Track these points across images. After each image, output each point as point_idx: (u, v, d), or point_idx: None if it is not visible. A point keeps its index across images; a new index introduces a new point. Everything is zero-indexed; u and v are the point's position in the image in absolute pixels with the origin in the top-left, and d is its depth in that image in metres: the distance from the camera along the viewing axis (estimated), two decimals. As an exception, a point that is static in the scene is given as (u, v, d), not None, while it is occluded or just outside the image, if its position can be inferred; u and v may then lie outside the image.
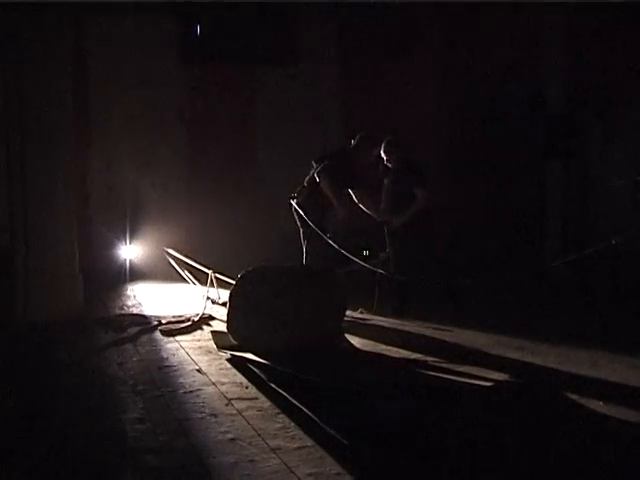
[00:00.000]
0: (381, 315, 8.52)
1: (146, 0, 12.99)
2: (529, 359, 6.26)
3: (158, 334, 7.63)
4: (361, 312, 8.62)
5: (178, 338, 7.40)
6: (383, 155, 8.66)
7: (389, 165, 8.70)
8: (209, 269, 9.46)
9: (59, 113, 8.69)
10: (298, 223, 8.79)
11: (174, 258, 11.28)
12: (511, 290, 8.87)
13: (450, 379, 5.64)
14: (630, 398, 5.07)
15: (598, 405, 4.86)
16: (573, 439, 4.30)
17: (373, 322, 8.24)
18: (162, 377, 5.88)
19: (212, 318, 8.37)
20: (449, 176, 12.46)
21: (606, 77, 10.75)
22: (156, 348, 7.02)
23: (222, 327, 7.25)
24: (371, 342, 7.18)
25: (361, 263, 8.48)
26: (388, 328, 7.93)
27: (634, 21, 10.13)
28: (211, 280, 9.31)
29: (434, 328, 7.78)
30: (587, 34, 11.05)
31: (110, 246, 12.64)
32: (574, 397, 5.10)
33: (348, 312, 7.53)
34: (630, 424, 4.52)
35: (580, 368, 5.88)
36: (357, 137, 8.82)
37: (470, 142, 12.87)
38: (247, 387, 5.47)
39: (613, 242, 7.20)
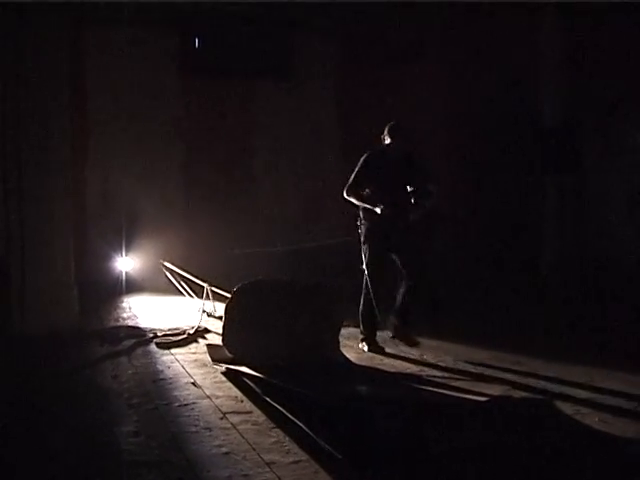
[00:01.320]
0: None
1: (145, 13, 13.01)
2: (525, 373, 6.25)
3: (153, 347, 7.61)
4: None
5: (173, 351, 7.39)
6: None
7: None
8: (205, 282, 9.44)
9: (56, 124, 8.70)
10: None
11: (170, 270, 11.27)
12: (507, 303, 8.87)
13: (446, 394, 5.64)
14: (625, 413, 5.06)
15: (594, 421, 4.85)
16: (568, 454, 4.29)
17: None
18: (157, 390, 5.87)
19: (207, 331, 8.35)
20: (446, 188, 12.45)
21: (605, 91, 10.77)
22: (151, 361, 7.00)
23: (217, 340, 7.23)
24: (367, 356, 7.18)
25: None
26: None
27: (633, 35, 10.16)
28: (207, 293, 9.29)
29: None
30: (585, 49, 11.08)
31: (106, 258, 12.64)
32: (570, 412, 5.09)
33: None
34: (625, 439, 4.51)
35: (576, 383, 5.87)
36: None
37: (467, 155, 12.88)
38: (242, 401, 5.45)
39: None
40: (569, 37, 11.42)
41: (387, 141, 7.56)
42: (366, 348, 7.42)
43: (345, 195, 7.70)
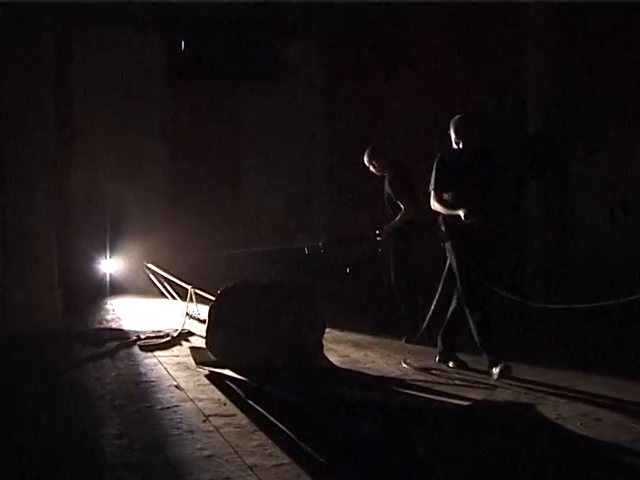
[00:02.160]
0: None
1: (132, 15, 13.00)
2: (507, 378, 6.27)
3: (137, 349, 7.60)
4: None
5: (157, 353, 7.38)
6: (367, 164, 8.64)
7: (377, 173, 8.68)
8: (189, 284, 9.44)
9: (41, 125, 8.68)
10: None
11: (154, 273, 11.25)
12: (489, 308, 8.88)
13: (428, 398, 5.65)
14: (606, 417, 5.09)
15: (575, 425, 4.88)
16: (549, 458, 4.31)
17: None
18: (140, 392, 5.86)
19: (191, 334, 8.35)
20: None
21: (588, 97, 10.83)
22: (134, 363, 6.99)
23: (201, 343, 7.23)
24: (351, 359, 7.19)
25: None
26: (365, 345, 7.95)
27: (617, 40, 10.22)
28: (191, 296, 9.29)
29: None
30: (571, 52, 11.13)
31: (90, 260, 12.60)
32: (551, 416, 5.12)
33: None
34: (604, 443, 4.54)
35: (558, 387, 5.90)
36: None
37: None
38: (225, 404, 5.45)
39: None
40: (555, 42, 11.46)
41: (454, 138, 6.82)
42: (451, 364, 6.78)
43: (432, 206, 6.82)
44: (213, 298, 7.03)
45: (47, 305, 8.57)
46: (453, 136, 6.85)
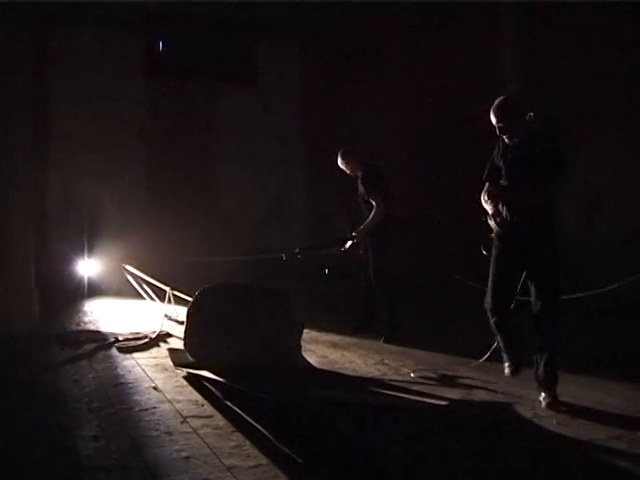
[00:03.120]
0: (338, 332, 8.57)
1: (110, 14, 12.95)
2: (484, 377, 6.31)
3: (115, 351, 7.58)
4: None
5: (135, 355, 7.36)
6: (341, 166, 8.70)
7: (350, 174, 8.73)
8: (167, 286, 9.41)
9: (17, 125, 8.63)
10: None
11: (132, 274, 11.21)
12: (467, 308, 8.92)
13: (406, 398, 5.67)
14: (582, 416, 5.13)
15: (551, 424, 4.92)
16: (526, 457, 4.34)
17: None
18: (118, 394, 5.84)
19: (169, 335, 8.33)
20: (412, 192, 12.52)
21: (563, 98, 10.91)
22: (112, 365, 6.97)
23: (179, 344, 7.21)
24: (329, 360, 7.21)
25: None
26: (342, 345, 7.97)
27: (594, 41, 10.30)
28: (169, 297, 9.26)
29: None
30: (547, 53, 11.21)
31: (67, 261, 12.54)
32: (528, 415, 5.15)
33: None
34: (580, 441, 4.57)
35: (535, 387, 5.93)
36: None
37: (433, 158, 12.97)
38: (203, 405, 5.45)
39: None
40: (531, 43, 11.54)
41: (495, 122, 5.66)
42: (507, 371, 5.89)
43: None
44: (191, 299, 7.02)
45: (24, 307, 8.52)
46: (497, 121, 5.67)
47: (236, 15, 13.79)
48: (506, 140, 5.70)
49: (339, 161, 8.70)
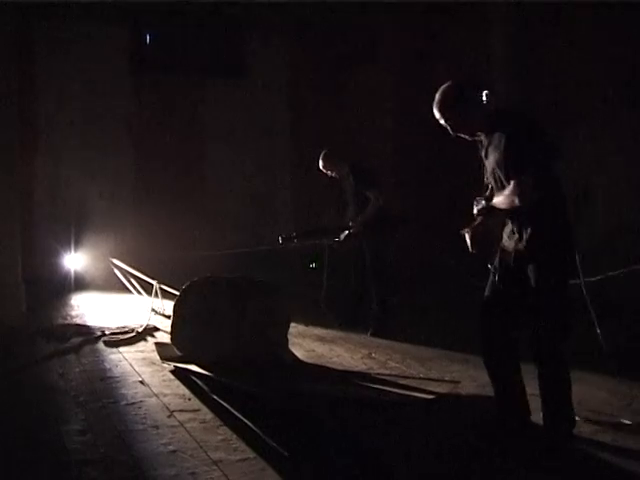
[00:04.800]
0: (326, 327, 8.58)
1: (96, 9, 12.90)
2: (472, 372, 6.32)
3: (101, 345, 7.57)
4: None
5: (121, 349, 7.35)
6: (322, 169, 8.70)
7: (335, 176, 8.73)
8: (154, 280, 9.40)
9: (4, 120, 8.60)
10: None
11: (119, 268, 11.20)
12: (457, 302, 8.94)
13: (392, 392, 5.68)
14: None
15: (539, 418, 4.92)
16: (511, 452, 4.36)
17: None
18: (104, 388, 5.84)
19: (156, 329, 8.32)
20: (398, 186, 12.53)
21: (551, 91, 10.94)
22: (99, 359, 6.96)
23: (166, 338, 7.22)
24: (316, 354, 7.21)
25: None
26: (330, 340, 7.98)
27: (583, 37, 10.33)
28: (156, 291, 9.26)
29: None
30: (536, 49, 11.23)
31: (54, 255, 12.51)
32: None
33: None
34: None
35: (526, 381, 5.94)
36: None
37: (419, 153, 12.97)
38: (190, 399, 5.45)
39: None
40: (521, 39, 11.55)
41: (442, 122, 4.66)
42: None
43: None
44: (178, 293, 7.02)
45: (11, 301, 8.51)
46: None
47: (224, 9, 13.75)
48: (469, 139, 4.67)
49: (321, 165, 8.67)
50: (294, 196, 14.97)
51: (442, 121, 4.55)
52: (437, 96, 4.54)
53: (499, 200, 4.35)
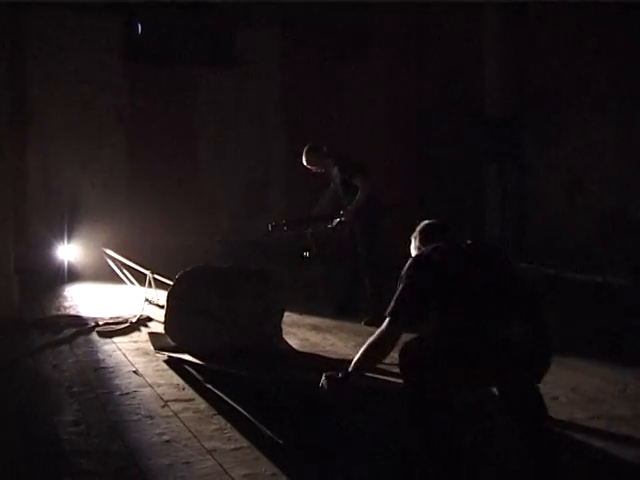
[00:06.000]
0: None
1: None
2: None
3: (95, 335, 7.55)
4: None
5: (115, 339, 7.34)
6: (306, 165, 8.71)
7: (320, 171, 8.75)
8: (147, 270, 9.38)
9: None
10: None
11: (112, 258, 11.16)
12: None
13: (386, 380, 5.68)
14: (563, 397, 5.16)
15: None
16: (505, 438, 4.36)
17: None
18: (98, 379, 5.84)
19: (150, 319, 8.31)
20: (387, 176, 12.53)
21: (545, 83, 10.96)
22: (92, 349, 6.95)
23: (160, 328, 7.20)
24: (310, 343, 7.22)
25: None
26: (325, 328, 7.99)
27: (575, 25, 10.34)
28: (149, 281, 9.24)
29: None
30: (528, 38, 11.24)
31: (47, 245, 12.47)
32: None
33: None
34: (561, 423, 4.59)
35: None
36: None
37: (410, 143, 12.98)
38: (184, 388, 5.46)
39: None
40: (513, 28, 11.56)
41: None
42: None
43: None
44: (171, 283, 7.00)
45: (3, 292, 8.46)
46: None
47: (216, -1, 13.72)
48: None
49: (305, 161, 8.68)
50: (287, 185, 14.94)
51: None
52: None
53: None
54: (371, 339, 3.79)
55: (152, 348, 6.69)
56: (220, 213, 14.22)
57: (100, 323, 8.06)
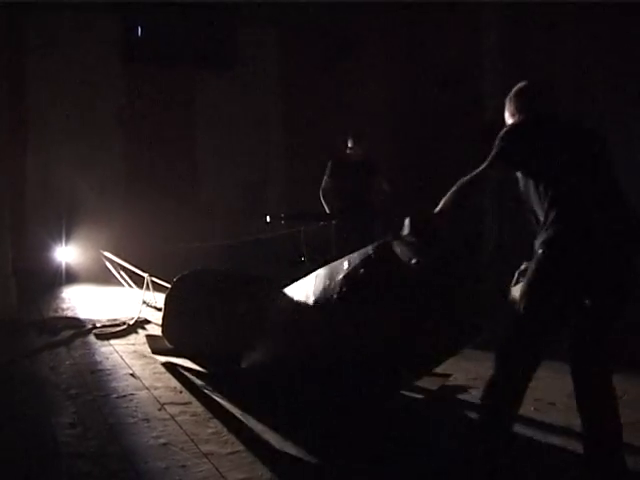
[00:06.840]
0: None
1: (87, 1, 12.86)
2: (464, 364, 6.31)
3: (92, 338, 7.56)
4: None
5: (112, 342, 7.34)
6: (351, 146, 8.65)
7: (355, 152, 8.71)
8: (145, 272, 9.38)
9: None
10: None
11: (110, 261, 11.16)
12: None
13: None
14: (559, 403, 5.16)
15: (529, 410, 4.94)
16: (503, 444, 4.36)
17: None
18: (95, 381, 5.83)
19: (147, 322, 8.31)
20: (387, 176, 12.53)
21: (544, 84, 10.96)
22: (90, 352, 6.95)
23: (157, 331, 7.20)
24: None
25: None
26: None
27: (572, 28, 10.34)
28: (147, 283, 9.23)
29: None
30: (526, 41, 11.24)
31: (45, 247, 12.47)
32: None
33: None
34: (558, 428, 4.60)
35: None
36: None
37: (407, 146, 12.97)
38: (181, 392, 5.45)
39: None
40: (510, 31, 11.55)
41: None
42: None
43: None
44: (169, 286, 7.00)
45: (1, 293, 8.48)
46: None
47: (215, 0, 13.72)
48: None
49: (350, 143, 8.63)
50: (286, 186, 14.95)
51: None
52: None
53: None
54: (464, 178, 3.85)
55: (149, 351, 6.69)
56: (219, 212, 14.20)
57: (97, 325, 8.07)
